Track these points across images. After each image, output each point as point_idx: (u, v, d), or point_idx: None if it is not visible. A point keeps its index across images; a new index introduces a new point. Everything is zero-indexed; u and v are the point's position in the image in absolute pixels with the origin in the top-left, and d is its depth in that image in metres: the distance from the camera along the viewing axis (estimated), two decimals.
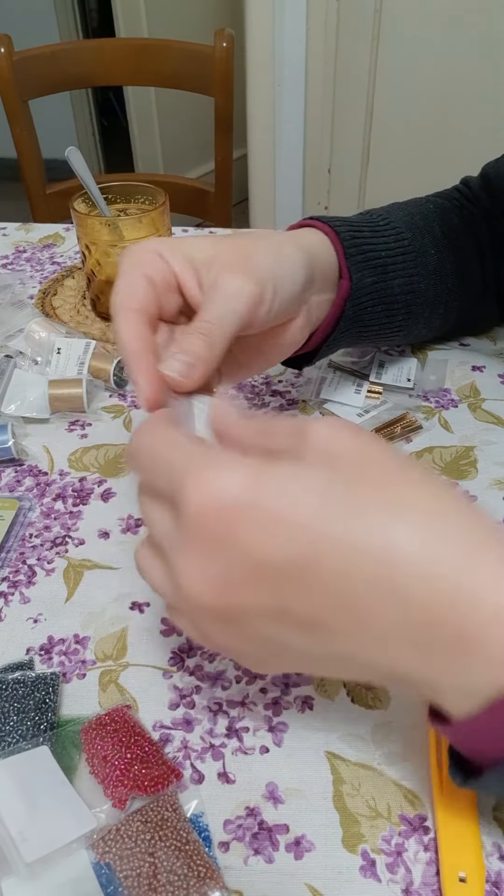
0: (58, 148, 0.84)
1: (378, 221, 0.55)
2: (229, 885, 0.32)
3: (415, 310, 0.56)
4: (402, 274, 0.54)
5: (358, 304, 0.51)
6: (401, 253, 0.54)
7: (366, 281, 0.51)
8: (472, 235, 0.60)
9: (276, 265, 0.42)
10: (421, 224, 0.57)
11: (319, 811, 0.34)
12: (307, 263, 0.45)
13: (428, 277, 0.56)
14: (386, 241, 0.53)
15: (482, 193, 0.61)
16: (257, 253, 0.42)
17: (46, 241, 0.87)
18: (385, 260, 0.53)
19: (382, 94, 1.98)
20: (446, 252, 0.58)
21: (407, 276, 0.54)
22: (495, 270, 0.61)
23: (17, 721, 0.37)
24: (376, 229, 0.53)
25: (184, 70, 1.24)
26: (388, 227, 0.54)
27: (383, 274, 0.52)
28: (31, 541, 0.48)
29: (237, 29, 1.33)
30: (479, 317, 0.65)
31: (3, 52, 1.14)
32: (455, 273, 0.58)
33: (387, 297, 0.53)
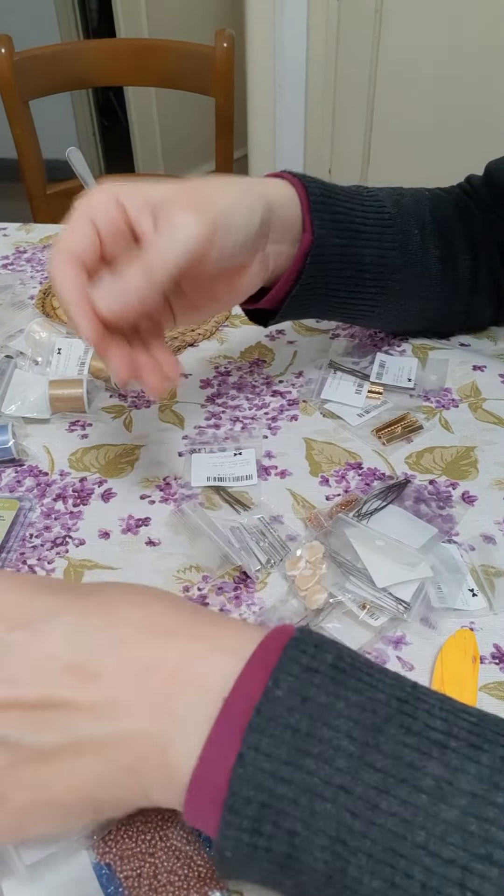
0: (58, 148, 0.84)
1: (362, 192, 0.55)
2: (230, 885, 0.32)
3: (389, 285, 0.56)
4: (377, 245, 0.54)
5: (321, 261, 0.51)
6: (378, 224, 0.54)
7: (332, 241, 0.51)
8: (465, 228, 0.60)
9: (231, 206, 0.42)
10: (410, 205, 0.57)
11: None
12: (265, 209, 0.45)
13: (407, 255, 0.56)
14: (364, 210, 0.53)
15: (484, 190, 0.61)
16: (214, 193, 0.42)
17: (47, 242, 0.87)
18: (358, 226, 0.53)
19: (383, 94, 1.98)
20: (432, 237, 0.57)
21: (382, 248, 0.54)
22: (489, 268, 0.61)
23: None
24: (355, 198, 0.54)
25: (184, 70, 1.24)
26: (372, 199, 0.55)
27: (354, 239, 0.52)
28: (31, 541, 0.48)
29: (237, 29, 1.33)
30: (466, 313, 0.65)
31: (4, 53, 1.14)
32: (439, 260, 0.58)
33: (356, 264, 0.53)
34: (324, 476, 0.53)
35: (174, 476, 0.53)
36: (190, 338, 0.67)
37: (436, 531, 0.46)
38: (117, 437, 0.57)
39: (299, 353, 0.66)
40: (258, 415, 0.59)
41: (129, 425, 0.58)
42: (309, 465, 0.54)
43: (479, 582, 0.44)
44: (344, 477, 0.53)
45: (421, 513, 0.49)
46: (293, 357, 0.66)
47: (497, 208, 0.60)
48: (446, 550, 0.46)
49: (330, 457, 0.54)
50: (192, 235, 0.39)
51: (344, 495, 0.50)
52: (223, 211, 0.41)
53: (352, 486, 0.52)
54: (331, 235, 0.51)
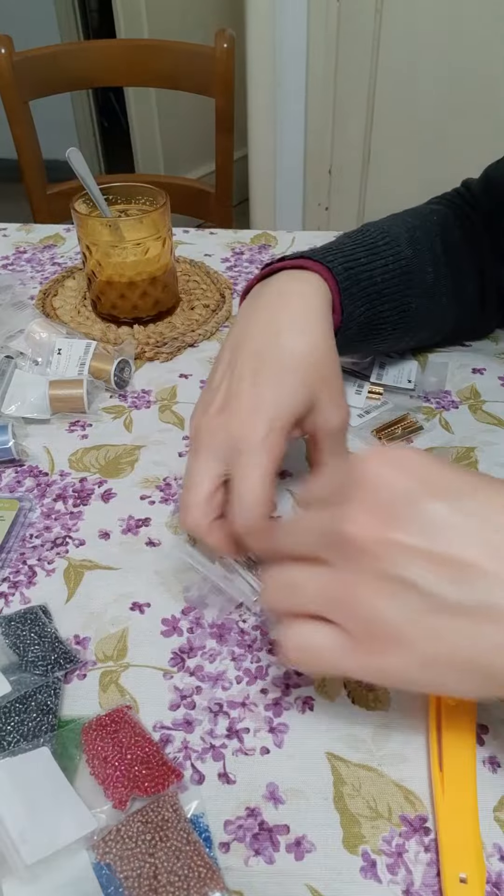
0: (58, 148, 0.84)
1: (378, 241, 0.54)
2: (230, 885, 0.32)
3: (401, 328, 0.57)
4: (396, 297, 0.54)
5: (347, 332, 0.52)
6: (398, 274, 0.54)
7: (357, 311, 0.52)
8: (472, 248, 0.59)
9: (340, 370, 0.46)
10: (422, 239, 0.57)
11: (320, 812, 0.34)
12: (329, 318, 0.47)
13: (421, 297, 0.56)
14: (385, 264, 0.53)
15: (483, 196, 0.61)
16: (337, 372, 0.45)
17: (47, 242, 0.87)
18: (380, 286, 0.53)
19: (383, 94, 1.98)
20: (444, 270, 0.58)
21: (400, 297, 0.55)
22: (495, 280, 0.61)
23: (17, 722, 0.37)
24: (375, 251, 0.53)
25: (184, 71, 1.24)
26: (388, 246, 0.54)
27: (378, 300, 0.53)
28: (31, 541, 0.48)
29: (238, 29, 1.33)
30: (473, 329, 0.66)
31: (4, 53, 1.14)
32: (451, 293, 0.58)
33: (376, 320, 0.54)
34: None
35: (174, 476, 0.53)
36: (190, 338, 0.67)
37: None
38: (117, 437, 0.57)
39: None
40: None
41: (129, 425, 0.58)
42: (309, 465, 0.54)
43: None
44: None
45: None
46: None
47: (497, 215, 0.59)
48: None
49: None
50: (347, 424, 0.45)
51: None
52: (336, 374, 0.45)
53: None
54: (357, 307, 0.52)
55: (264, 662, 0.41)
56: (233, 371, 0.43)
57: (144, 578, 0.46)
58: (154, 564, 0.46)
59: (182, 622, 0.43)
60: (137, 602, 0.44)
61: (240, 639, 0.42)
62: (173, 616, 0.43)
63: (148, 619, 0.43)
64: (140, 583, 0.45)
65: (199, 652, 0.41)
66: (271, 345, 0.43)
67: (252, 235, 0.87)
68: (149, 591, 0.45)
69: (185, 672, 0.40)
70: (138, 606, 0.44)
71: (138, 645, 0.42)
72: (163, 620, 0.43)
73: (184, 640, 0.42)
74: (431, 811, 0.34)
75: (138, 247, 0.65)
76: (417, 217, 0.59)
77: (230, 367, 0.44)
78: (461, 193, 0.63)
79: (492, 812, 0.34)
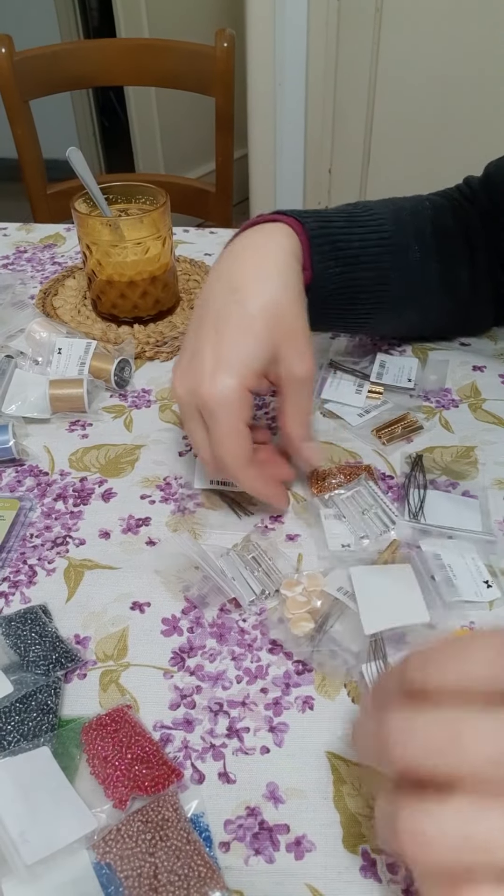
0: (58, 148, 0.84)
1: (360, 213, 0.56)
2: (230, 885, 0.32)
3: (383, 302, 0.57)
4: (375, 265, 0.55)
5: (321, 292, 0.52)
6: (377, 243, 0.55)
7: (329, 272, 0.52)
8: (465, 239, 0.60)
9: (305, 310, 0.46)
10: (409, 220, 0.57)
11: (320, 811, 0.34)
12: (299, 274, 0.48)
13: (405, 271, 0.56)
14: (363, 233, 0.54)
15: (482, 193, 0.61)
16: (301, 324, 0.45)
17: (47, 242, 0.87)
18: (357, 251, 0.54)
19: (383, 93, 1.98)
20: (432, 253, 0.58)
21: (380, 267, 0.55)
22: (489, 273, 0.61)
23: (17, 722, 0.37)
24: (353, 219, 0.54)
25: (184, 70, 1.24)
26: (371, 217, 0.55)
27: (354, 265, 0.53)
28: (31, 541, 0.48)
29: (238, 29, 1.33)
30: (468, 319, 0.65)
31: (4, 53, 1.14)
32: (438, 275, 0.58)
33: (355, 287, 0.54)
34: None
35: (174, 476, 0.53)
36: None
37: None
38: (117, 437, 0.57)
39: None
40: (258, 415, 0.59)
41: (130, 425, 0.58)
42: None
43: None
44: None
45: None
46: None
47: (497, 213, 0.60)
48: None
49: (330, 457, 0.54)
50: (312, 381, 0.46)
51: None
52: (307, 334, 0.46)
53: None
54: (328, 268, 0.52)
55: (264, 662, 0.41)
56: (197, 332, 0.45)
57: (144, 578, 0.45)
58: (154, 564, 0.46)
59: (182, 622, 0.43)
60: (137, 601, 0.44)
61: (240, 638, 0.42)
62: (173, 615, 0.43)
63: (148, 619, 0.43)
64: (140, 582, 0.45)
65: (199, 651, 0.41)
66: (231, 302, 0.45)
67: None
68: (149, 590, 0.45)
69: (185, 671, 0.40)
70: (138, 606, 0.44)
71: (138, 644, 0.42)
72: (163, 620, 0.43)
73: (184, 640, 0.42)
74: None
75: (138, 246, 0.65)
76: (409, 201, 0.60)
77: (196, 329, 0.46)
78: (461, 189, 0.63)
79: None
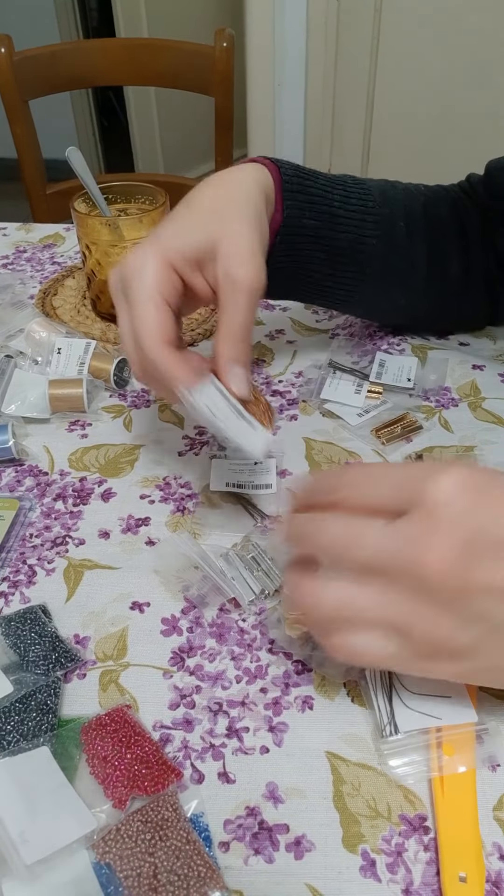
0: (58, 148, 0.84)
1: (347, 180, 0.56)
2: (229, 885, 0.32)
3: (367, 272, 0.57)
4: (356, 231, 0.55)
5: (292, 241, 0.52)
6: (360, 211, 0.55)
7: (304, 221, 0.52)
8: (459, 228, 0.60)
9: (263, 236, 0.44)
10: (399, 197, 0.58)
11: (319, 811, 0.34)
12: (266, 201, 0.47)
13: (390, 246, 0.56)
14: (345, 195, 0.54)
15: (482, 189, 0.61)
16: (248, 231, 0.43)
17: (47, 241, 0.87)
18: (336, 209, 0.54)
19: (382, 93, 1.98)
20: (421, 232, 0.58)
21: (361, 234, 0.55)
22: (482, 269, 0.61)
23: (17, 721, 0.37)
24: (336, 183, 0.55)
25: (184, 70, 1.24)
26: (357, 186, 0.56)
27: (329, 222, 0.53)
28: (31, 541, 0.48)
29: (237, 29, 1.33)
30: (458, 312, 0.65)
31: (4, 53, 1.14)
32: (427, 256, 0.59)
33: (330, 248, 0.54)
34: None
35: (174, 475, 0.53)
36: (189, 337, 0.67)
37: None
38: (117, 436, 0.57)
39: (299, 353, 0.66)
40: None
41: (129, 425, 0.58)
42: (308, 465, 0.54)
43: None
44: None
45: None
46: (293, 357, 0.66)
47: (495, 209, 0.60)
48: None
49: (329, 457, 0.54)
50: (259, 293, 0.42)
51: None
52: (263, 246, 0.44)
53: None
54: (303, 217, 0.52)
55: (264, 662, 0.41)
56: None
57: (144, 578, 0.45)
58: (154, 564, 0.46)
59: (182, 622, 0.43)
60: (137, 601, 0.44)
61: (239, 638, 0.42)
62: (173, 615, 0.43)
63: (148, 619, 0.43)
64: (140, 582, 0.45)
65: (198, 651, 0.41)
66: (181, 205, 0.45)
67: None
68: (149, 590, 0.45)
69: (184, 671, 0.40)
70: (138, 606, 0.44)
71: (138, 644, 0.42)
72: (162, 620, 0.43)
73: (183, 640, 0.42)
74: (431, 810, 0.34)
75: None
76: (405, 186, 0.60)
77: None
78: (462, 185, 0.63)
79: (491, 811, 0.34)
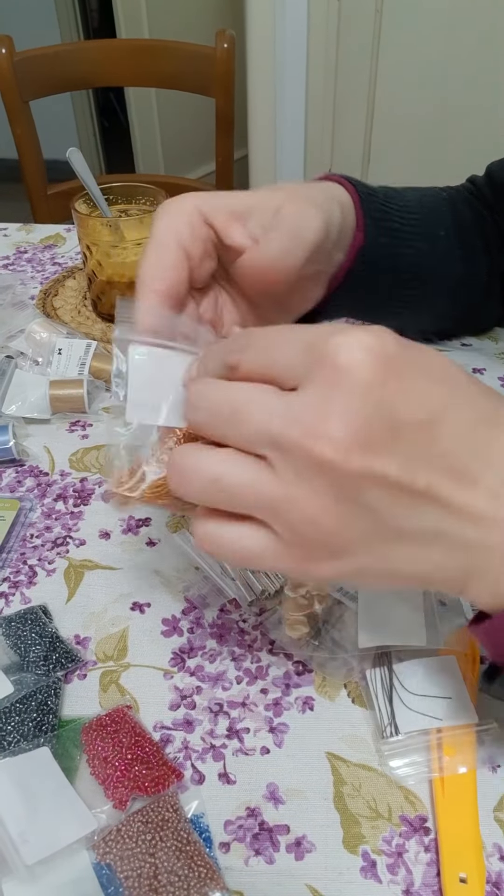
0: (59, 148, 0.84)
1: (390, 193, 0.53)
2: (230, 885, 0.32)
3: (422, 287, 0.55)
4: (414, 245, 0.52)
5: (370, 262, 0.48)
6: (412, 223, 0.52)
7: (380, 241, 0.49)
8: (480, 230, 0.59)
9: (325, 205, 0.41)
10: (432, 205, 0.56)
11: (320, 812, 0.34)
12: (341, 212, 0.43)
13: (436, 257, 0.55)
14: (400, 210, 0.52)
15: (487, 192, 0.61)
16: (312, 192, 0.41)
17: (47, 242, 0.87)
18: (399, 226, 0.51)
19: (383, 94, 1.98)
20: (455, 240, 0.57)
21: (417, 248, 0.53)
22: (499, 268, 0.61)
23: (17, 722, 0.37)
24: (390, 197, 0.52)
25: (185, 71, 1.24)
26: (402, 199, 0.53)
27: (397, 240, 0.51)
28: (31, 541, 0.48)
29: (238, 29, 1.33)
30: (479, 315, 0.65)
31: (4, 53, 1.14)
32: (462, 262, 0.57)
33: (398, 265, 0.52)
34: None
35: None
36: None
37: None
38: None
39: None
40: None
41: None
42: None
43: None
44: None
45: None
46: None
47: (500, 210, 0.60)
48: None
49: None
50: (315, 230, 0.38)
51: None
52: (328, 209, 0.40)
53: None
54: (380, 236, 0.49)
55: (264, 662, 0.41)
56: None
57: (145, 578, 0.46)
58: (154, 564, 0.46)
59: (182, 622, 0.43)
60: (137, 602, 0.44)
61: (240, 639, 0.42)
62: (173, 616, 0.43)
63: (148, 619, 0.43)
64: (140, 583, 0.45)
65: (199, 652, 0.41)
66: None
67: None
68: (149, 591, 0.45)
69: (185, 672, 0.40)
70: (138, 606, 0.44)
71: (138, 645, 0.42)
72: (163, 620, 0.43)
73: (184, 640, 0.42)
74: (431, 811, 0.34)
75: (139, 247, 0.65)
76: (428, 190, 0.58)
77: None
78: (466, 187, 0.63)
79: (492, 812, 0.34)
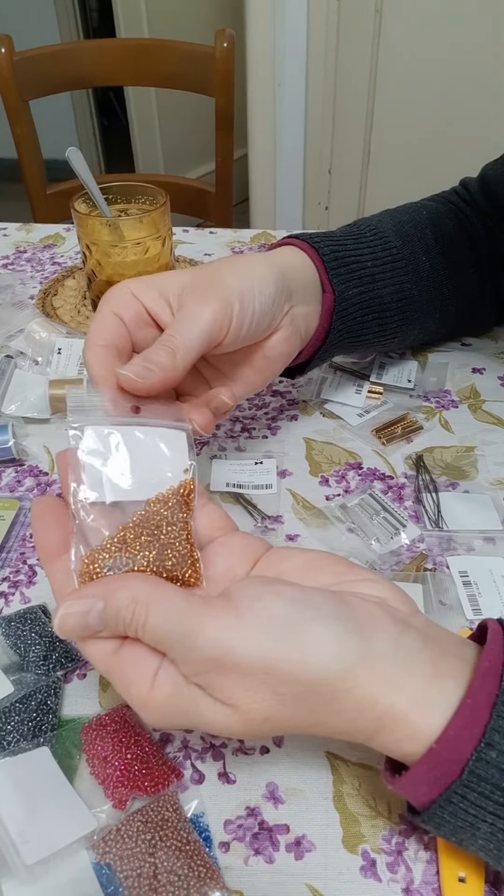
0: (58, 148, 0.84)
1: (364, 232, 0.55)
2: (230, 885, 0.32)
3: (409, 316, 0.57)
4: (393, 282, 0.54)
5: (345, 315, 0.52)
6: (389, 261, 0.54)
7: (351, 292, 0.52)
8: (467, 241, 0.60)
9: (244, 284, 0.43)
10: (411, 232, 0.57)
11: (320, 811, 0.34)
12: (279, 278, 0.46)
13: (421, 284, 0.56)
14: (373, 251, 0.54)
15: (480, 196, 0.61)
16: (225, 275, 0.44)
17: (47, 242, 0.87)
18: (372, 269, 0.53)
19: (383, 94, 1.98)
20: (439, 259, 0.58)
21: (398, 283, 0.55)
22: (492, 276, 0.61)
23: (17, 721, 0.37)
24: (361, 240, 0.54)
25: (184, 70, 1.24)
26: (376, 236, 0.55)
27: (371, 283, 0.53)
28: (31, 541, 0.48)
29: (237, 29, 1.33)
30: (474, 322, 0.66)
31: (4, 53, 1.14)
32: (449, 279, 0.58)
33: (378, 306, 0.54)
34: (324, 476, 0.53)
35: None
36: None
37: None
38: None
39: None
40: (258, 415, 0.59)
41: None
42: (309, 466, 0.54)
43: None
44: (344, 477, 0.53)
45: (421, 513, 0.49)
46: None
47: (494, 215, 0.60)
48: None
49: (330, 457, 0.54)
50: (208, 320, 0.41)
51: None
52: (237, 290, 0.43)
53: (352, 487, 0.52)
54: (350, 287, 0.52)
55: None
56: None
57: None
58: None
59: None
60: None
61: None
62: None
63: None
64: None
65: None
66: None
67: (252, 235, 0.87)
68: None
69: None
70: None
71: None
72: None
73: None
74: None
75: (138, 246, 0.65)
76: (406, 212, 0.60)
77: None
78: (457, 191, 0.63)
79: None
